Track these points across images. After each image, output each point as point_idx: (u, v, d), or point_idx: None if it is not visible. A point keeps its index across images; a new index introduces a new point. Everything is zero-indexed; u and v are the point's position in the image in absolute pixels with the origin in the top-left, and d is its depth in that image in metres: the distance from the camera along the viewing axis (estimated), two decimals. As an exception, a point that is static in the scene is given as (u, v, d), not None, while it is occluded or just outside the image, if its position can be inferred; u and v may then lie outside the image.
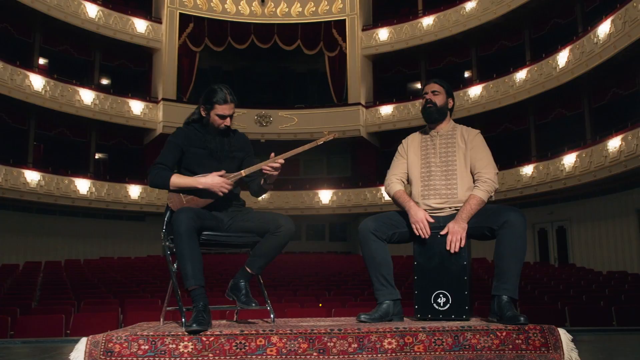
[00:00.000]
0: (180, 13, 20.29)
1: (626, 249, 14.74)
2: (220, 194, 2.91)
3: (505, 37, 19.03)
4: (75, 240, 18.14)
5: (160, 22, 20.14)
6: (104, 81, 20.55)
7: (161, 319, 3.04)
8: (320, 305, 7.08)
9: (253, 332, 2.45)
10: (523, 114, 18.16)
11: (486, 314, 3.14)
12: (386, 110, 20.38)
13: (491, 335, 2.51)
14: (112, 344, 2.39)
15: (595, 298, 7.71)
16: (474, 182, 3.03)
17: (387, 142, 20.83)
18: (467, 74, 20.40)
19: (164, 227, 2.97)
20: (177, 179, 2.91)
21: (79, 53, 19.39)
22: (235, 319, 3.28)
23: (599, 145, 14.47)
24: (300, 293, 8.85)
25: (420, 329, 2.50)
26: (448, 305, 2.94)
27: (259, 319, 3.36)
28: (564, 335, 2.54)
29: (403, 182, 3.18)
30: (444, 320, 2.89)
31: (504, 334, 2.51)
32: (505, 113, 17.86)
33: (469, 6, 18.76)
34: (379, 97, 21.07)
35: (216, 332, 2.45)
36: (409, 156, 3.19)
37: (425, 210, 3.04)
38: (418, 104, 19.78)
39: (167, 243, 2.92)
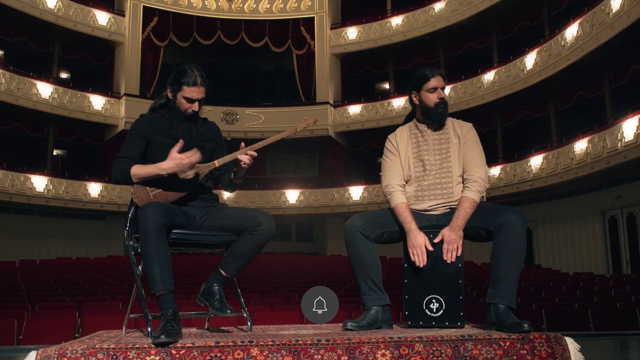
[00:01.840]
0: (144, 6, 19.74)
1: (591, 250, 14.87)
2: (189, 173, 2.54)
3: (473, 38, 19.10)
4: (31, 239, 17.41)
5: (123, 15, 19.55)
6: (64, 75, 19.83)
7: (123, 328, 2.71)
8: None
9: (230, 343, 2.16)
10: (490, 115, 18.23)
11: (469, 319, 2.92)
12: (354, 109, 20.23)
13: (494, 345, 2.28)
14: (66, 359, 2.07)
15: (568, 300, 7.64)
16: (463, 181, 2.80)
17: (355, 142, 20.72)
18: (434, 75, 20.36)
19: (127, 225, 2.64)
20: (137, 170, 2.58)
21: (36, 45, 18.67)
22: (206, 327, 2.98)
23: (565, 147, 14.57)
24: (269, 295, 8.54)
25: (417, 339, 2.25)
26: (441, 311, 2.70)
27: (232, 326, 3.07)
28: (572, 344, 2.33)
29: (404, 189, 2.88)
30: (436, 328, 2.66)
31: (507, 343, 2.28)
32: (473, 114, 17.81)
33: (437, 7, 18.76)
34: (347, 97, 20.91)
35: (188, 344, 2.15)
36: (400, 154, 2.90)
37: (418, 212, 2.79)
38: (386, 104, 19.76)
39: (132, 242, 2.59)
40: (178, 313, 2.36)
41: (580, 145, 13.91)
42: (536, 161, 15.46)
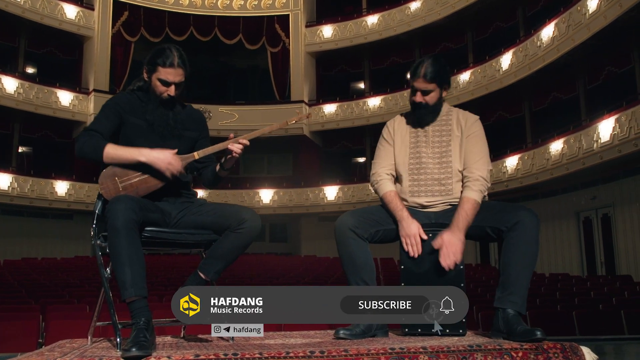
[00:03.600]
0: (114, 0, 19.19)
1: (566, 251, 14.91)
2: (169, 174, 2.31)
3: (448, 38, 19.06)
4: (-5, 239, 16.79)
5: (93, 9, 18.97)
6: (30, 69, 19.16)
7: (89, 337, 2.42)
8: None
9: (211, 356, 1.90)
10: (466, 115, 18.18)
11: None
12: (329, 109, 20.01)
13: (505, 356, 2.07)
14: (20, 377, 1.78)
15: (549, 302, 7.53)
16: (462, 178, 2.58)
17: (330, 142, 20.53)
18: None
19: (94, 222, 2.36)
20: (113, 149, 2.30)
21: (1, 38, 18.00)
22: (182, 335, 2.70)
23: (541, 147, 14.58)
24: (244, 297, 8.25)
25: (421, 350, 2.03)
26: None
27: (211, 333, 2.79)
28: (588, 355, 2.13)
29: (393, 177, 2.67)
30: (436, 335, 2.44)
31: (519, 354, 2.07)
32: (449, 114, 17.77)
33: (413, 6, 18.67)
34: (322, 96, 20.68)
35: (163, 357, 1.88)
36: (396, 143, 2.67)
37: (414, 208, 2.57)
38: (362, 103, 19.61)
39: (99, 242, 2.31)
40: (151, 321, 2.09)
41: (556, 146, 13.92)
42: (512, 162, 15.45)
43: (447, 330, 2.46)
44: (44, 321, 6.43)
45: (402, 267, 2.56)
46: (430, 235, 2.53)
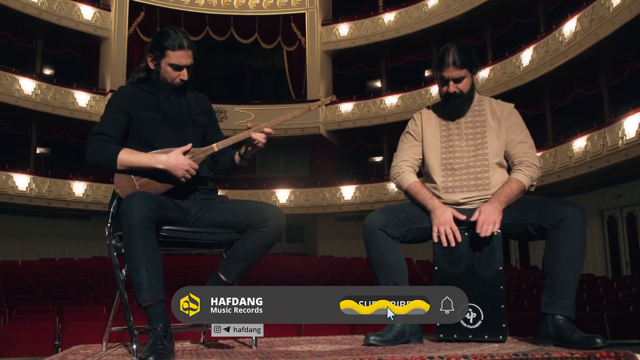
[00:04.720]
0: (130, 1, 19.23)
1: (589, 251, 14.46)
2: (183, 179, 2.17)
3: (466, 35, 18.75)
4: (13, 240, 16.84)
5: (109, 10, 19.01)
6: (47, 70, 19.24)
7: (104, 343, 2.29)
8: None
9: (235, 366, 1.75)
10: (485, 113, 17.89)
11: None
12: (346, 107, 19.83)
13: (554, 365, 1.89)
14: (28, 389, 1.65)
15: (577, 304, 7.28)
16: (513, 165, 2.42)
17: (347, 141, 20.36)
18: (427, 73, 20.06)
19: (109, 221, 2.22)
20: (127, 155, 2.15)
21: (19, 39, 18.08)
22: (202, 340, 2.56)
23: (563, 145, 14.27)
24: (262, 298, 8.11)
25: (462, 358, 1.85)
26: (479, 322, 2.31)
27: (232, 338, 2.65)
28: (645, 364, 1.95)
29: (415, 170, 2.50)
30: (474, 342, 2.27)
31: (570, 363, 1.89)
32: (468, 112, 17.50)
33: (431, 3, 18.45)
34: (338, 94, 20.41)
35: (182, 367, 1.73)
36: (426, 138, 2.49)
37: (448, 205, 2.39)
38: (379, 102, 19.42)
39: (114, 242, 2.16)
40: (170, 327, 1.94)
41: (579, 144, 13.60)
42: (533, 160, 15.14)
43: (486, 337, 2.29)
44: (60, 322, 6.33)
45: (436, 267, 2.38)
46: (466, 234, 2.36)
